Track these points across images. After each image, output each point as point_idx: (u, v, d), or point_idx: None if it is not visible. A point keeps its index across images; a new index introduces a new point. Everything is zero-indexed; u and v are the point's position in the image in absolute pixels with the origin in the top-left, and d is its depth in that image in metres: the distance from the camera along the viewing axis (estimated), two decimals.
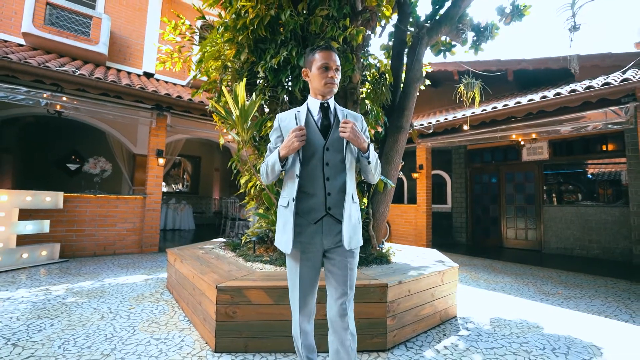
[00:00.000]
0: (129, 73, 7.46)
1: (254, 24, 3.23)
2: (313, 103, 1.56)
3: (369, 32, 3.46)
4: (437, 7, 4.30)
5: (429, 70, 5.05)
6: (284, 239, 1.47)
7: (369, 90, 3.67)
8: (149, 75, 7.84)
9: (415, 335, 2.53)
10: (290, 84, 3.54)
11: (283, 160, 1.45)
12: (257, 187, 3.46)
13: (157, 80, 7.83)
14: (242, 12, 3.28)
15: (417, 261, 3.27)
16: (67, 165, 8.91)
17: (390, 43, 4.36)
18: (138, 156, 7.80)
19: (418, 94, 4.63)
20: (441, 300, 2.83)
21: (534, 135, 6.45)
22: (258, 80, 3.80)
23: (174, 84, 8.06)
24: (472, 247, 8.13)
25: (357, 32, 3.00)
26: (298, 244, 1.46)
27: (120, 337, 2.34)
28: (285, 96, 3.52)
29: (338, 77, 1.52)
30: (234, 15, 3.47)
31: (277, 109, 3.54)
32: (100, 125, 6.98)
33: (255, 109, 2.71)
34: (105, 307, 2.96)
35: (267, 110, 3.75)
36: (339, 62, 1.52)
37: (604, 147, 6.86)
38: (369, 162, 1.48)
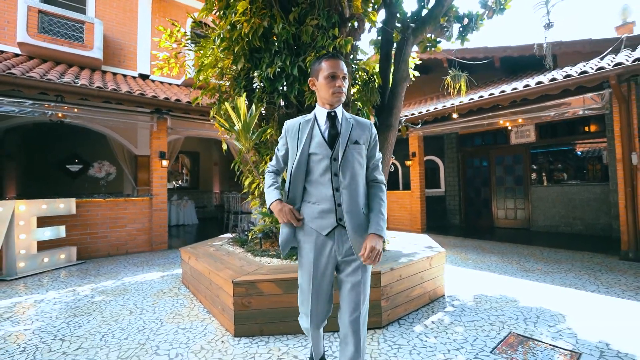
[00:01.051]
0: (124, 76, 7.59)
1: (249, 35, 3.44)
2: (320, 112, 1.55)
3: (356, 42, 3.68)
4: (422, 4, 4.49)
5: (418, 62, 5.26)
6: (281, 239, 1.56)
7: (359, 93, 3.92)
8: (144, 77, 7.97)
9: (407, 313, 2.90)
10: (285, 89, 3.78)
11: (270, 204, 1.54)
12: (260, 187, 3.76)
13: (153, 81, 7.96)
14: (237, 24, 3.49)
15: (408, 248, 3.62)
16: (68, 167, 9.14)
17: (380, 37, 4.56)
18: (139, 157, 8.03)
19: (413, 78, 4.90)
20: (430, 282, 3.20)
21: (520, 120, 6.73)
22: (255, 85, 4.05)
23: (170, 84, 8.21)
24: (465, 229, 8.55)
25: (345, 42, 3.24)
26: (314, 253, 1.49)
27: (150, 328, 2.69)
28: (281, 100, 3.77)
29: (346, 86, 1.51)
30: (229, 27, 3.68)
31: (274, 114, 3.80)
32: (100, 128, 7.17)
33: (255, 120, 2.98)
34: (131, 303, 3.31)
35: (264, 112, 3.99)
36: (346, 70, 1.51)
37: (586, 129, 7.17)
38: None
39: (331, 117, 1.52)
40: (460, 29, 4.83)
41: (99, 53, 6.99)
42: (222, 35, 3.75)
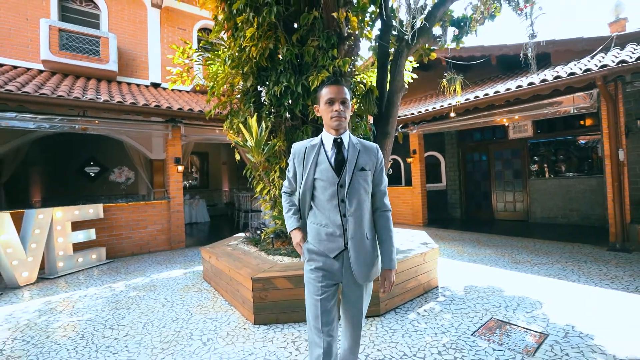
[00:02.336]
0: (138, 85, 8.04)
1: (256, 57, 3.83)
2: (327, 138, 1.57)
3: (354, 59, 4.02)
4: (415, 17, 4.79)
5: (415, 65, 5.58)
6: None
7: (358, 104, 4.28)
8: (155, 85, 8.41)
9: (403, 303, 3.32)
10: (291, 104, 4.15)
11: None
12: (271, 193, 4.18)
13: (164, 89, 8.39)
14: (246, 48, 3.86)
15: (405, 244, 4.02)
16: (86, 170, 9.72)
17: (377, 49, 4.88)
18: (155, 161, 8.52)
19: (412, 80, 5.25)
20: (424, 275, 3.61)
21: (517, 117, 6.99)
22: (262, 99, 4.44)
23: (180, 91, 8.64)
24: (465, 222, 8.89)
25: (343, 63, 3.59)
26: (320, 274, 1.53)
27: (182, 319, 3.16)
28: (287, 114, 4.16)
29: (346, 110, 1.51)
30: (238, 48, 4.07)
31: (281, 126, 4.19)
32: (118, 136, 7.65)
33: (266, 137, 3.38)
34: (162, 297, 3.79)
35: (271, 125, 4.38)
36: (346, 95, 1.51)
37: (582, 122, 7.40)
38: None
39: (337, 144, 1.54)
40: (455, 32, 5.13)
41: (114, 65, 7.44)
42: (232, 56, 4.13)
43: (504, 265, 4.53)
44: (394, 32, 4.65)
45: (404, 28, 3.26)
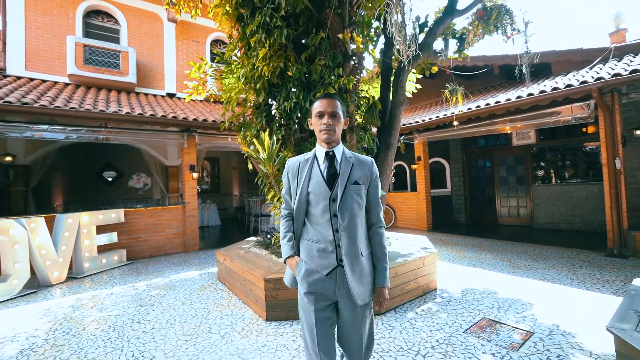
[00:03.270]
0: (154, 96, 8.50)
1: (268, 75, 4.17)
2: (319, 151, 1.56)
3: (358, 77, 4.33)
4: (419, 32, 5.09)
5: (419, 76, 5.87)
6: (287, 276, 1.64)
7: (363, 117, 4.58)
8: (171, 95, 8.86)
9: (403, 303, 3.58)
10: (299, 117, 4.47)
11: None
12: (282, 200, 4.50)
13: (179, 99, 8.84)
14: (258, 67, 4.21)
15: (407, 249, 4.28)
16: (104, 175, 10.23)
17: (380, 64, 5.19)
18: (169, 167, 8.95)
19: (416, 90, 5.54)
20: (423, 277, 3.87)
21: (519, 125, 7.18)
22: (273, 113, 4.78)
23: (193, 100, 9.06)
24: (470, 226, 9.07)
25: (348, 81, 3.91)
26: (312, 293, 1.48)
27: (201, 315, 3.48)
28: (296, 126, 4.48)
29: (336, 123, 1.50)
30: (251, 67, 4.41)
31: (291, 137, 4.51)
32: (137, 144, 8.09)
33: (277, 150, 3.70)
34: (181, 296, 4.13)
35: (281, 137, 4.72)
36: (336, 108, 1.50)
37: (584, 130, 7.55)
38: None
39: (329, 157, 1.52)
40: (458, 45, 5.40)
41: (133, 78, 7.90)
42: (245, 74, 4.48)
43: (502, 269, 4.75)
44: (398, 46, 4.96)
45: (401, 55, 3.53)
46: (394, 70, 4.95)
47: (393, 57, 4.91)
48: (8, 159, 6.21)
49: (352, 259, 1.45)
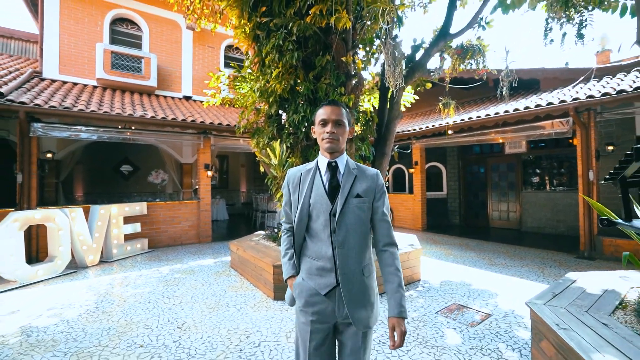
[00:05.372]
0: (172, 98, 9.19)
1: (279, 91, 4.81)
2: (322, 161, 1.46)
3: (359, 95, 4.95)
4: (413, 52, 5.70)
5: (418, 88, 6.48)
6: (288, 294, 1.53)
7: (361, 130, 5.22)
8: (187, 97, 9.55)
9: None
10: (306, 127, 5.11)
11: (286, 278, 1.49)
12: None
13: (195, 101, 9.53)
14: (272, 83, 4.86)
15: None
16: (121, 169, 11.00)
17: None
18: (184, 164, 9.66)
19: (414, 101, 6.17)
20: (407, 269, 4.51)
21: (508, 137, 7.76)
22: (283, 122, 5.43)
23: (207, 101, 9.73)
24: (462, 228, 9.67)
25: (349, 99, 4.54)
26: (309, 313, 1.37)
27: (219, 294, 4.17)
28: (302, 136, 5.13)
29: (340, 131, 1.40)
30: (265, 82, 5.07)
31: (298, 145, 5.16)
32: (157, 144, 8.81)
33: (286, 157, 4.36)
34: (200, 279, 4.82)
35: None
36: (341, 116, 1.41)
37: (570, 141, 8.09)
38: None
39: (332, 168, 1.43)
40: (455, 60, 5.98)
41: (154, 82, 8.60)
42: (260, 89, 5.14)
43: (480, 266, 5.37)
44: (388, 79, 5.58)
45: (392, 86, 4.15)
46: (391, 89, 5.57)
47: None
48: (49, 155, 6.94)
49: (349, 278, 1.33)
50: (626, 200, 2.03)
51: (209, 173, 7.75)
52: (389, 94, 5.50)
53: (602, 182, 2.56)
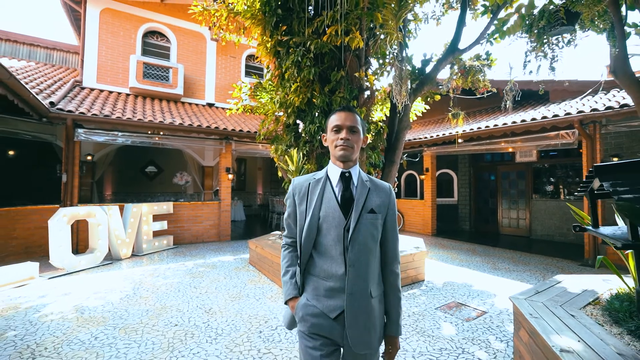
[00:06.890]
0: (197, 105, 9.84)
1: (297, 103, 5.28)
2: (333, 171, 1.36)
3: (370, 107, 5.36)
4: (423, 66, 6.07)
5: (428, 99, 6.83)
6: (286, 316, 1.43)
7: (372, 140, 5.61)
8: (210, 104, 10.19)
9: None
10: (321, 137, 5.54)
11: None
12: None
13: (217, 108, 10.15)
14: (290, 96, 5.33)
15: (401, 247, 5.27)
16: (147, 170, 11.75)
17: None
18: (206, 167, 10.28)
19: (425, 110, 6.52)
20: (412, 270, 4.86)
21: (516, 146, 7.97)
22: (300, 130, 5.88)
23: (230, 109, 10.34)
24: (471, 234, 9.86)
25: (361, 112, 4.95)
26: (315, 338, 1.28)
27: (240, 286, 4.63)
28: (317, 144, 5.57)
29: (354, 139, 1.33)
30: (284, 94, 5.54)
31: (313, 152, 5.61)
32: (182, 147, 9.45)
33: (302, 164, 4.80)
34: (222, 273, 5.31)
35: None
36: (356, 122, 1.33)
37: (580, 151, 8.20)
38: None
39: (345, 178, 1.34)
40: (464, 73, 6.31)
41: (181, 90, 9.27)
42: (280, 100, 5.62)
43: (484, 270, 5.64)
44: (396, 97, 5.97)
45: (398, 103, 4.53)
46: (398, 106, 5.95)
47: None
48: (88, 157, 7.66)
49: (356, 299, 1.25)
50: (594, 210, 2.35)
51: (230, 176, 8.30)
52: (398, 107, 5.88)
53: (576, 193, 2.87)
